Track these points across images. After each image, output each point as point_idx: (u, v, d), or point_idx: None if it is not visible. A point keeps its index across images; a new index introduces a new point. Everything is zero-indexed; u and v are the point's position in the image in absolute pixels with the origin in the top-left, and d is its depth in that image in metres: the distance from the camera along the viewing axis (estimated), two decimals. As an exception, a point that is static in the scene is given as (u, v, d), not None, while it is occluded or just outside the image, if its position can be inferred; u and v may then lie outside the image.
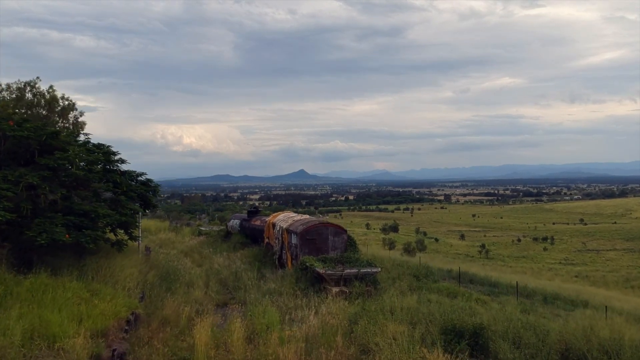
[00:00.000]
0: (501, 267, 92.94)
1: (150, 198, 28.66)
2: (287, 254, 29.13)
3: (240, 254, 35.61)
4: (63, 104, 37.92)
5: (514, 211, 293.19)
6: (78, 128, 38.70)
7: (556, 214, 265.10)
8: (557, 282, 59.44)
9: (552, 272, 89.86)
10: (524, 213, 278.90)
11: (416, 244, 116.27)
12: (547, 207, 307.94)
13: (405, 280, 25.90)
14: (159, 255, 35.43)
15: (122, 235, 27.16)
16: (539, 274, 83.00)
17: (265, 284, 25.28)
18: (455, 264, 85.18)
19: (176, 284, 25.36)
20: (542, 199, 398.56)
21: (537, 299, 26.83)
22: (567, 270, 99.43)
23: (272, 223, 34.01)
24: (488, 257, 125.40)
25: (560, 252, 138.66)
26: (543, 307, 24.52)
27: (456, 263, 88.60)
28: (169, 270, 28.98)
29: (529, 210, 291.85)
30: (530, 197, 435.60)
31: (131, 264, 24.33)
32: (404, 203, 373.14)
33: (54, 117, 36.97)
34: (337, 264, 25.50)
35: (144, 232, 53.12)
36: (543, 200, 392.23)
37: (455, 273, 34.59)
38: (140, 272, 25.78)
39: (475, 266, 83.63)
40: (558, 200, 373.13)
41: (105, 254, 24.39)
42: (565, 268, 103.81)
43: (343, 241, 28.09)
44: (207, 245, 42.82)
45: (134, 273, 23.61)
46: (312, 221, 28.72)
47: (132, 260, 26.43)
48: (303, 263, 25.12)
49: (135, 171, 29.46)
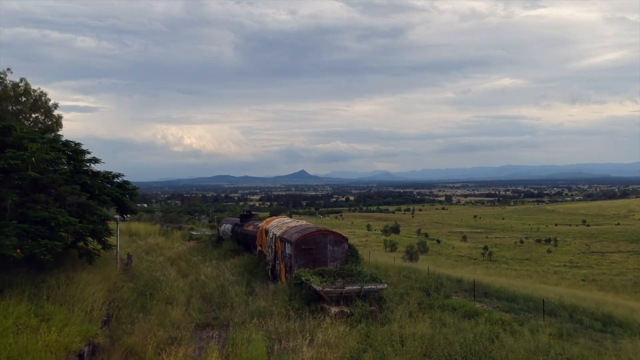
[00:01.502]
0: (505, 270, 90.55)
1: (127, 202, 25.47)
2: (281, 265, 25.91)
3: (231, 263, 32.41)
4: (36, 97, 34.68)
5: (515, 212, 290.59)
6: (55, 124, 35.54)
7: (558, 215, 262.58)
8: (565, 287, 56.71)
9: (558, 276, 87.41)
10: (526, 214, 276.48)
11: (418, 246, 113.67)
12: (549, 208, 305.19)
13: (414, 296, 22.67)
14: (142, 264, 32.55)
15: (95, 244, 24.06)
16: (545, 277, 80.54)
17: (255, 300, 22.06)
18: (459, 267, 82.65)
19: (153, 301, 22.20)
20: (543, 200, 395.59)
21: (563, 317, 23.64)
22: (573, 273, 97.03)
23: (265, 229, 30.76)
24: (491, 259, 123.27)
25: (565, 254, 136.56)
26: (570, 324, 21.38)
27: (460, 267, 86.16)
28: (149, 282, 25.91)
29: (530, 211, 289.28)
30: (532, 198, 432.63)
31: (99, 279, 21.22)
32: (404, 204, 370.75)
33: (27, 112, 33.79)
34: (337, 278, 22.32)
35: (132, 237, 50.28)
36: (544, 201, 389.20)
37: (467, 283, 31.46)
38: (114, 287, 22.70)
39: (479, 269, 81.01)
40: (559, 201, 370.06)
41: (72, 267, 21.27)
42: (571, 271, 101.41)
43: (344, 251, 24.87)
44: (196, 252, 39.68)
45: (102, 289, 20.49)
46: (308, 228, 25.46)
47: (104, 274, 23.34)
48: (298, 277, 21.92)
49: (112, 172, 26.34)
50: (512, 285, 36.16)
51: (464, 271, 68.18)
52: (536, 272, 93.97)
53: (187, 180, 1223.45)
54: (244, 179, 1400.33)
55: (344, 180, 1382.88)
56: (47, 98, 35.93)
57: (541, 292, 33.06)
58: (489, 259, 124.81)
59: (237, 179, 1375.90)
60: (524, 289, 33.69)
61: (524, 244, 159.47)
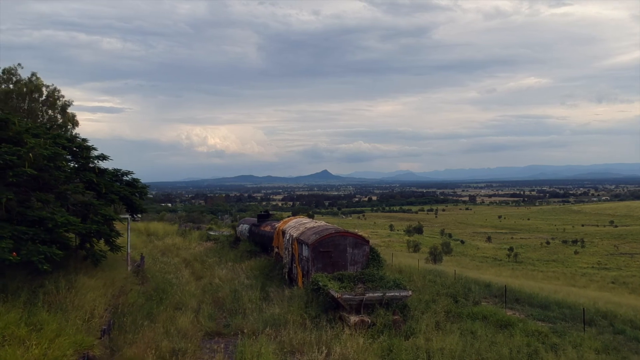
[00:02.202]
0: (532, 272, 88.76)
1: (136, 201, 24.09)
2: (298, 268, 24.35)
3: (247, 265, 30.95)
4: (48, 93, 33.60)
5: (540, 212, 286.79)
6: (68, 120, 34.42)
7: (585, 215, 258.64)
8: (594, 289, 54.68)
9: (587, 278, 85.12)
10: (552, 214, 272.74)
11: (442, 247, 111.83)
12: (575, 208, 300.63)
13: (441, 304, 20.96)
14: (156, 266, 31.34)
15: (101, 245, 22.75)
16: (573, 279, 78.40)
17: (269, 307, 20.57)
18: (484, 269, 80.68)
19: (161, 306, 20.84)
20: (569, 200, 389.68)
21: (601, 325, 21.79)
22: (602, 275, 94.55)
23: (282, 230, 29.21)
24: (517, 260, 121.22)
25: (592, 256, 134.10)
26: (610, 335, 19.56)
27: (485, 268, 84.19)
28: (160, 286, 24.62)
29: (556, 212, 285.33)
30: (557, 198, 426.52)
31: (104, 283, 19.83)
32: (428, 204, 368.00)
33: (39, 109, 32.70)
34: (357, 283, 20.72)
35: (150, 237, 49.22)
36: (570, 201, 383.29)
37: (495, 287, 29.66)
38: (120, 291, 21.34)
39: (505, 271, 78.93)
40: (585, 202, 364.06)
41: (75, 270, 19.93)
42: (599, 273, 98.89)
43: (364, 254, 23.22)
44: (213, 253, 38.33)
45: (106, 294, 19.15)
46: (327, 230, 23.82)
47: (110, 277, 21.98)
48: (315, 282, 20.34)
49: (121, 170, 25.03)
50: (542, 289, 34.38)
51: (489, 273, 66.30)
52: (563, 273, 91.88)
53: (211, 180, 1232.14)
54: (267, 179, 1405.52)
55: (366, 180, 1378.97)
56: (60, 95, 34.84)
57: (573, 296, 31.15)
58: (514, 260, 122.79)
59: (260, 179, 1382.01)
60: (555, 294, 31.85)
61: (550, 245, 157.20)
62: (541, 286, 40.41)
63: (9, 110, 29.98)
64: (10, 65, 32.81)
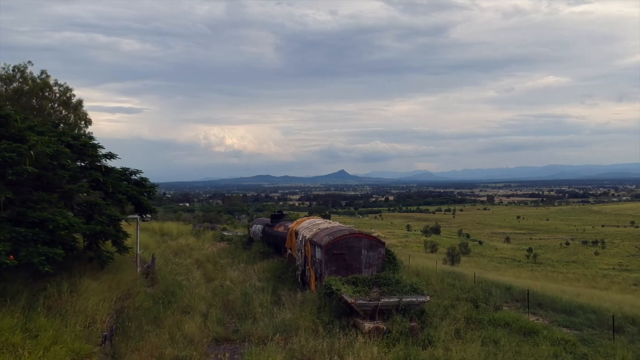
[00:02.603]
0: (552, 273, 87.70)
1: (144, 201, 23.33)
2: (311, 271, 23.45)
3: (259, 267, 30.14)
4: (59, 90, 33.03)
5: (560, 213, 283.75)
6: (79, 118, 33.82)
7: (605, 215, 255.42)
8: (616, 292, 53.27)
9: (608, 280, 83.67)
10: (571, 215, 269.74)
11: (460, 248, 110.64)
12: (595, 208, 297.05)
13: (461, 309, 19.96)
14: (168, 267, 30.66)
15: (109, 246, 22.04)
16: (594, 281, 77.05)
17: (280, 311, 19.71)
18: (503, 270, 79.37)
19: (169, 310, 20.07)
20: (588, 201, 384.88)
21: (630, 332, 20.65)
22: (624, 277, 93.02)
23: (295, 231, 28.33)
24: (536, 261, 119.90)
25: (613, 257, 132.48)
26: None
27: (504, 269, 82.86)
28: (169, 288, 23.89)
29: (575, 212, 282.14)
30: (576, 198, 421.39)
31: (109, 286, 19.06)
32: (445, 204, 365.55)
33: (47, 105, 32.11)
34: (372, 287, 19.79)
35: (164, 237, 48.64)
36: (590, 201, 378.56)
37: (517, 291, 28.63)
38: (127, 294, 20.60)
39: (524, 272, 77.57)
40: (605, 202, 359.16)
41: (79, 272, 19.20)
42: (621, 275, 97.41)
43: (380, 256, 22.25)
44: (226, 254, 37.59)
45: (111, 297, 18.38)
46: (341, 231, 22.88)
47: (117, 279, 21.25)
48: (328, 286, 19.43)
49: (129, 169, 24.31)
50: (564, 292, 33.30)
51: (508, 274, 65.15)
52: (584, 275, 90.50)
53: (228, 180, 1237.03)
54: (284, 179, 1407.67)
55: (383, 180, 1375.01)
56: (72, 94, 34.26)
57: (597, 300, 30.03)
58: (533, 261, 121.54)
59: (277, 179, 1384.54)
60: (578, 297, 30.73)
61: (569, 246, 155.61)
62: (562, 288, 39.26)
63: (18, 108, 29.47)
64: (20, 63, 32.26)
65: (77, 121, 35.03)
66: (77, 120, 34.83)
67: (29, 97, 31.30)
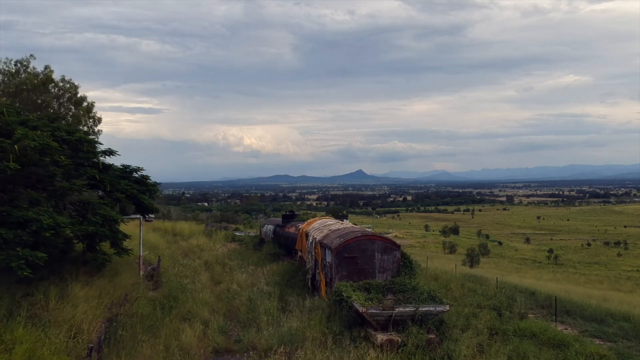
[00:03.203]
0: (573, 275, 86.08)
1: (145, 200, 21.95)
2: (321, 275, 21.93)
3: (269, 270, 28.67)
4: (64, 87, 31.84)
5: (580, 213, 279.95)
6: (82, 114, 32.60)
7: (627, 216, 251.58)
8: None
9: (632, 282, 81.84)
10: (592, 215, 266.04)
11: (479, 249, 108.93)
12: (617, 209, 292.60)
13: (483, 318, 18.34)
14: (174, 269, 29.42)
15: (107, 248, 20.74)
16: (617, 283, 75.27)
17: (288, 319, 18.20)
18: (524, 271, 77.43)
19: (168, 317, 18.68)
20: (609, 201, 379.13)
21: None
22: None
23: (305, 232, 26.80)
24: (557, 263, 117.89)
25: (637, 258, 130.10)
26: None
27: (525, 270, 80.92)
28: (171, 292, 22.56)
29: (597, 212, 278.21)
30: (597, 198, 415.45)
31: (98, 292, 17.71)
32: (464, 204, 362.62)
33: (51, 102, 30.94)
34: (387, 293, 18.25)
35: (176, 237, 47.49)
36: (611, 201, 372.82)
37: (542, 296, 26.93)
38: (124, 300, 19.24)
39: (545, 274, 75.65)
40: (627, 202, 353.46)
41: (72, 277, 17.88)
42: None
43: (395, 260, 20.65)
44: (236, 255, 36.25)
45: (104, 303, 17.04)
46: (352, 232, 21.32)
47: (115, 283, 19.97)
48: (338, 292, 17.90)
49: (130, 166, 22.97)
50: (589, 296, 31.61)
51: (529, 276, 63.50)
52: (607, 277, 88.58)
53: (246, 180, 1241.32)
54: (302, 179, 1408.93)
55: (401, 180, 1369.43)
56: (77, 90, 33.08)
57: (626, 306, 28.25)
58: (554, 262, 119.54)
59: (296, 179, 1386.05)
60: (605, 302, 29.02)
61: (591, 247, 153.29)
62: (588, 292, 37.52)
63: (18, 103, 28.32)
64: (23, 57, 31.11)
65: (84, 118, 33.83)
66: (84, 117, 33.62)
67: (30, 92, 30.08)
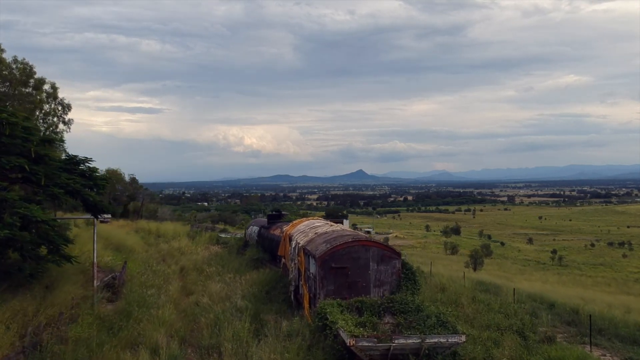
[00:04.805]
0: (579, 277, 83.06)
1: (90, 197, 18.03)
2: (304, 288, 17.93)
3: (248, 279, 24.66)
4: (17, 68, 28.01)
5: (582, 213, 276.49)
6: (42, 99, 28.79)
7: (630, 216, 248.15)
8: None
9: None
10: (594, 215, 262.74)
11: (482, 250, 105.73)
12: (619, 209, 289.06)
13: (507, 346, 14.40)
14: (143, 276, 25.62)
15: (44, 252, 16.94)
16: (625, 285, 71.96)
17: (258, 348, 14.24)
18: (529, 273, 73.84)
19: (110, 343, 14.76)
20: (611, 201, 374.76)
21: None
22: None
23: (289, 235, 22.74)
24: (561, 264, 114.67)
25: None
26: None
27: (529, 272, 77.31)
28: (127, 308, 18.70)
29: (599, 213, 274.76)
30: (599, 198, 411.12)
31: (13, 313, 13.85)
32: (465, 204, 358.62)
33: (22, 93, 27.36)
34: (384, 315, 14.31)
35: (159, 238, 43.78)
36: (612, 202, 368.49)
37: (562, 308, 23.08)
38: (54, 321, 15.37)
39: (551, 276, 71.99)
40: (629, 202, 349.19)
41: None
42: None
43: (394, 271, 16.63)
44: (217, 260, 32.28)
45: (14, 329, 13.21)
46: (342, 237, 17.24)
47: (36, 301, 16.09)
48: (321, 314, 13.97)
49: (77, 156, 19.07)
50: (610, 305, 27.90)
51: (534, 278, 60.16)
52: (614, 279, 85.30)
53: (247, 180, 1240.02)
54: (303, 179, 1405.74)
55: (402, 180, 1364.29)
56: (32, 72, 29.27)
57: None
58: (559, 263, 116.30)
59: (296, 179, 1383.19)
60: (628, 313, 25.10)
61: (595, 248, 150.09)
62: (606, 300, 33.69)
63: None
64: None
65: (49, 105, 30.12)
66: (47, 104, 29.87)
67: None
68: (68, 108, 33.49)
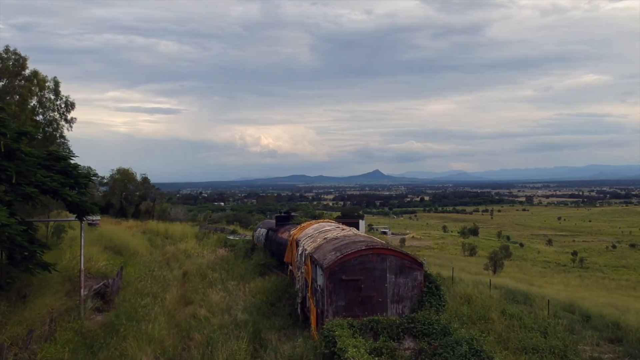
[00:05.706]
0: (602, 280, 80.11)
1: (70, 197, 15.93)
2: (311, 302, 15.64)
3: (252, 287, 22.49)
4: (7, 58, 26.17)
5: (602, 214, 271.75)
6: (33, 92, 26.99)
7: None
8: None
9: (666, 287, 74.89)
10: (615, 216, 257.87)
11: (501, 252, 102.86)
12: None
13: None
14: (141, 283, 23.76)
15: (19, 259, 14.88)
16: (650, 288, 68.56)
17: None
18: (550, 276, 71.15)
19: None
20: (631, 201, 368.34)
21: None
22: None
23: (296, 240, 20.44)
24: (582, 266, 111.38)
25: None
26: None
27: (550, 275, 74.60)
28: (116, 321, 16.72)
29: (619, 213, 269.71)
30: (619, 199, 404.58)
31: None
32: (482, 204, 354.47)
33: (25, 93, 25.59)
34: (404, 338, 12.06)
35: (166, 240, 41.96)
36: (633, 202, 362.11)
37: (600, 321, 20.64)
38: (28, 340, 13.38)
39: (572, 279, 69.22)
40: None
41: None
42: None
43: (416, 285, 14.26)
44: (222, 264, 30.24)
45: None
46: (354, 243, 14.83)
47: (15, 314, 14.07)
48: (329, 336, 11.73)
49: (58, 151, 17.02)
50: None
51: (556, 281, 57.89)
52: (639, 282, 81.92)
53: (263, 179, 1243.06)
54: (319, 179, 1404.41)
55: (418, 180, 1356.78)
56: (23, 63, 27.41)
57: None
58: (579, 265, 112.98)
59: (312, 179, 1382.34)
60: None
61: (616, 249, 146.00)
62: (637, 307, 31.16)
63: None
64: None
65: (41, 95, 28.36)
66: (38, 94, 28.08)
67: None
68: (72, 106, 31.90)
